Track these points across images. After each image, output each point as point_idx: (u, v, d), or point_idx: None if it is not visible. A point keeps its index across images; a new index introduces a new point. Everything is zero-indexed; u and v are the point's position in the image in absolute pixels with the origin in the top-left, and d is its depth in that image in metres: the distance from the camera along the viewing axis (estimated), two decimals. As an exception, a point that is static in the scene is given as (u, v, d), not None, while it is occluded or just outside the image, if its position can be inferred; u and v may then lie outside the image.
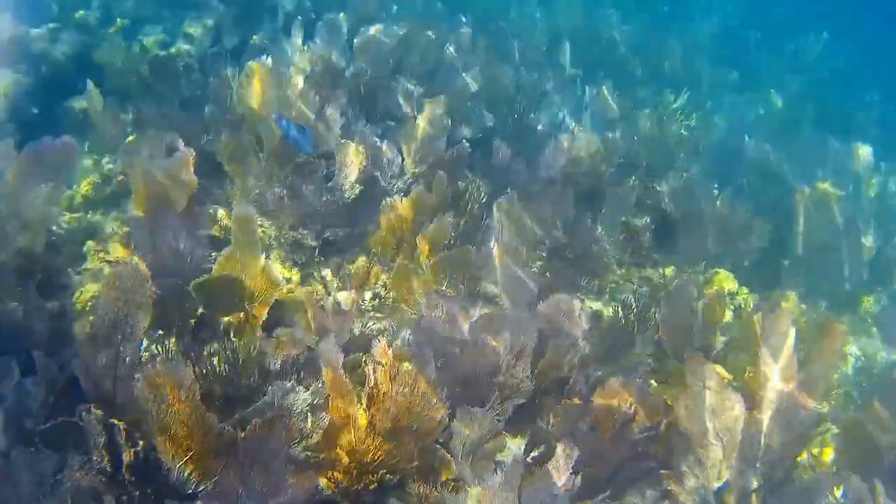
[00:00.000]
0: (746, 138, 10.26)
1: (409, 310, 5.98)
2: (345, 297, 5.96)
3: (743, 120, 12.55)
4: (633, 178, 8.40)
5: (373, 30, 9.46)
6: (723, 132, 11.43)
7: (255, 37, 9.62)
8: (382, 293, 6.32)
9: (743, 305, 7.58)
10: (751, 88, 14.47)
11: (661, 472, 4.97)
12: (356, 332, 5.66)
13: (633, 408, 4.83)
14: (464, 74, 9.44)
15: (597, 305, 6.96)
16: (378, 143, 7.30)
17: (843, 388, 7.06)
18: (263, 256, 5.56)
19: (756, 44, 17.04)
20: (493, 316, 5.32)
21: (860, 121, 13.96)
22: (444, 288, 5.99)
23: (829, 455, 6.20)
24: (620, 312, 6.49)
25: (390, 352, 4.73)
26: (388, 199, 6.68)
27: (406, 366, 4.54)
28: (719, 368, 5.38)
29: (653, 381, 5.92)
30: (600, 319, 6.45)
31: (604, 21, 13.85)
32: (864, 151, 10.77)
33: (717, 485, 4.94)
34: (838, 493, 5.08)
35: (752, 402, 4.94)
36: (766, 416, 4.84)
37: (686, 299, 6.08)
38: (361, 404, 4.42)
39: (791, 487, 5.02)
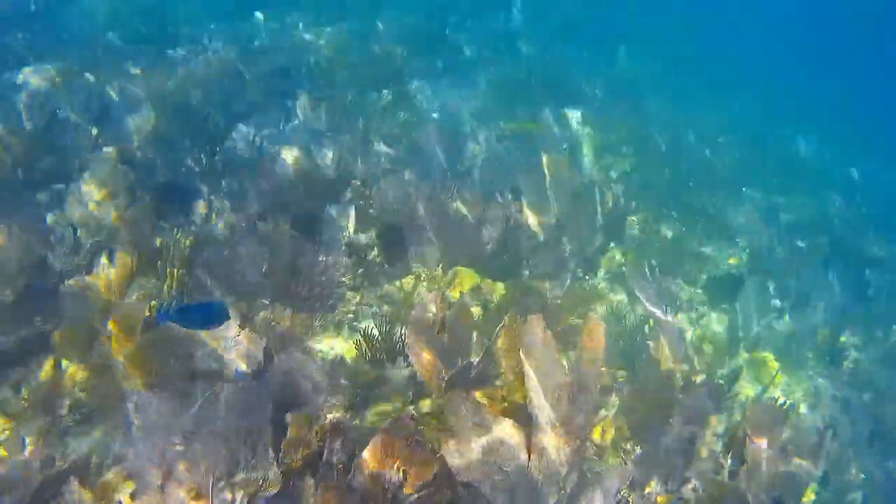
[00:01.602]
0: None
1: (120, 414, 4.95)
2: (28, 432, 4.80)
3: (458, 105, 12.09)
4: (350, 191, 7.80)
5: (21, 76, 8.12)
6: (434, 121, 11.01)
7: None
8: (84, 397, 5.20)
9: (491, 298, 7.20)
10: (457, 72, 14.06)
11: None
12: (55, 465, 4.57)
13: (401, 471, 4.18)
14: (141, 110, 8.31)
15: (339, 343, 6.25)
16: (41, 216, 6.10)
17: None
18: None
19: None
20: (215, 404, 4.45)
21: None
22: (156, 377, 5.01)
23: (610, 436, 5.99)
24: (364, 346, 5.85)
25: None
26: (66, 283, 5.56)
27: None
28: (483, 395, 4.84)
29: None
30: (344, 362, 5.75)
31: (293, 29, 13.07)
32: (574, 115, 11.00)
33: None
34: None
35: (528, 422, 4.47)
36: (545, 438, 4.36)
37: (426, 320, 5.51)
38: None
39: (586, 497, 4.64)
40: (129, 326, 5.16)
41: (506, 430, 4.23)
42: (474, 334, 5.70)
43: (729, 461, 5.55)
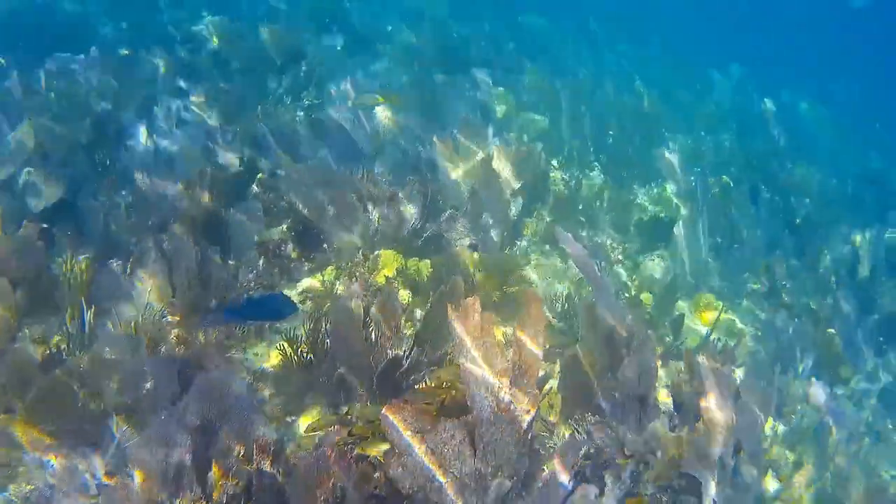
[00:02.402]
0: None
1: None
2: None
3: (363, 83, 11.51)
4: (256, 185, 7.37)
5: None
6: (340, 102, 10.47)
7: None
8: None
9: (419, 279, 6.86)
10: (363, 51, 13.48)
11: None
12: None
13: (338, 488, 3.83)
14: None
15: (262, 350, 5.83)
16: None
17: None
18: None
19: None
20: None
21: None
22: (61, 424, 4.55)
23: (558, 408, 5.75)
24: (288, 350, 5.46)
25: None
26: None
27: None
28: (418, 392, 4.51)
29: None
30: (268, 371, 5.36)
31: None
32: (483, 77, 10.69)
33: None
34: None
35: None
36: (490, 429, 4.03)
37: (350, 312, 5.13)
38: None
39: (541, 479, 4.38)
40: (23, 375, 4.67)
41: (447, 428, 3.91)
42: (402, 321, 5.37)
43: (680, 415, 5.36)
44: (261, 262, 6.44)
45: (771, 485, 6.16)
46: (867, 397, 7.45)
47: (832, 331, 7.98)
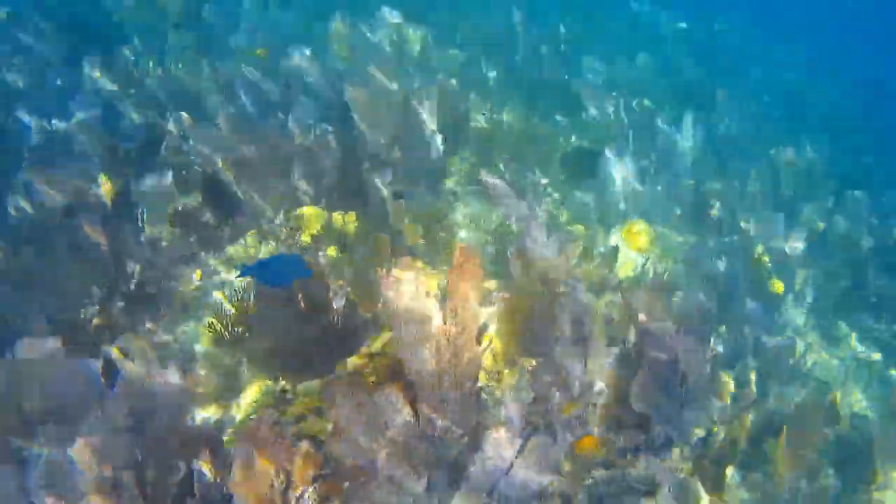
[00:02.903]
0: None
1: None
2: None
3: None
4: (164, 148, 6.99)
5: None
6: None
7: None
8: None
9: (346, 233, 6.62)
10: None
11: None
12: None
13: (281, 473, 3.67)
14: None
15: (192, 330, 5.56)
16: None
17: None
18: None
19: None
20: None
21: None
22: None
23: (501, 356, 5.65)
24: (217, 326, 5.22)
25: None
26: None
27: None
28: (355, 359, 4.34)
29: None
30: (197, 352, 5.13)
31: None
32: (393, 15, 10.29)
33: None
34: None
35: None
36: (430, 393, 3.92)
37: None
38: None
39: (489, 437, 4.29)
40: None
41: (387, 397, 3.76)
42: (330, 283, 5.17)
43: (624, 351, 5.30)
44: (177, 233, 6.13)
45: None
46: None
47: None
